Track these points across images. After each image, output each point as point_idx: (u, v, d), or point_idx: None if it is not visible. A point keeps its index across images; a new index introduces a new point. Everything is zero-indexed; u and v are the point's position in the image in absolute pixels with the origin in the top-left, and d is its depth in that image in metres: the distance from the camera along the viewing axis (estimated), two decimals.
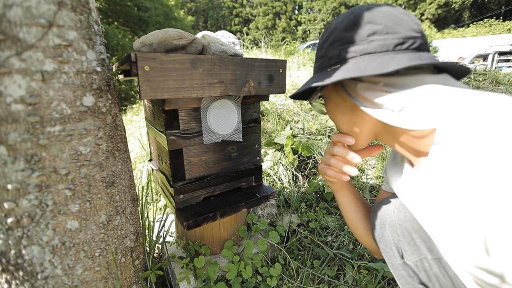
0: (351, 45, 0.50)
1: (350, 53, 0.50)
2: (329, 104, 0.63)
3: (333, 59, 0.53)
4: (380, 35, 0.48)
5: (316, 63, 0.59)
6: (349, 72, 0.48)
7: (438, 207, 0.48)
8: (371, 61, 0.47)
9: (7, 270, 0.60)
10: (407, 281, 0.61)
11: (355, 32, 0.49)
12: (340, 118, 0.61)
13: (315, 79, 0.55)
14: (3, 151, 0.54)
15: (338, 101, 0.59)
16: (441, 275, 0.56)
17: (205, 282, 1.02)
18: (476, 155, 0.39)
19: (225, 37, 1.06)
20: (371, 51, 0.48)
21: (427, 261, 0.57)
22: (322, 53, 0.56)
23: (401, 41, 0.47)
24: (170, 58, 0.73)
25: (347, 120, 0.59)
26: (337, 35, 0.52)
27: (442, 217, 0.47)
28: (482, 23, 19.83)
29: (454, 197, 0.42)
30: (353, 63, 0.49)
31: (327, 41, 0.55)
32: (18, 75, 0.52)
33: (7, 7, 0.49)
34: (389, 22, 0.48)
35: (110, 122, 0.70)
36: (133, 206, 0.82)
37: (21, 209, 0.58)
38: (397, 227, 0.62)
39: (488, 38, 10.68)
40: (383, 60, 0.46)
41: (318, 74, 0.56)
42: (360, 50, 0.49)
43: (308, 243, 1.30)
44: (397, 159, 0.67)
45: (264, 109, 2.29)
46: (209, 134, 0.96)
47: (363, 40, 0.48)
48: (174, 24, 14.09)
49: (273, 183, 1.71)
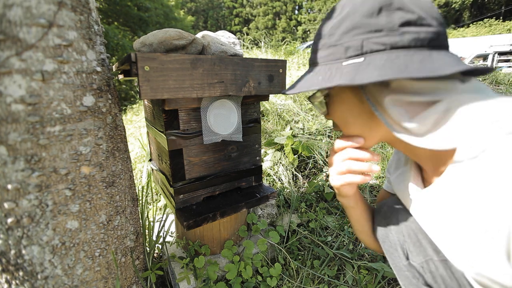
0: (378, 34, 0.41)
1: (377, 45, 0.41)
2: (339, 105, 0.54)
3: (352, 50, 0.43)
4: (414, 26, 0.40)
5: (321, 52, 0.48)
6: (387, 72, 0.38)
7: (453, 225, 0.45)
8: (407, 58, 0.39)
9: (7, 270, 0.60)
10: (412, 282, 0.60)
11: (383, 19, 0.41)
12: (352, 122, 0.53)
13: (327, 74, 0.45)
14: (3, 151, 0.54)
15: (352, 102, 0.51)
16: (447, 277, 0.54)
17: (205, 282, 1.02)
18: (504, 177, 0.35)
19: (225, 37, 1.06)
20: (404, 45, 0.40)
21: (433, 262, 0.56)
22: (333, 40, 0.46)
23: (434, 36, 0.41)
24: (170, 58, 0.73)
25: (361, 125, 0.52)
26: (358, 21, 0.42)
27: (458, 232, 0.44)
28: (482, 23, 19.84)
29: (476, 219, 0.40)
30: (383, 58, 0.40)
31: (340, 26, 0.44)
32: (18, 75, 0.52)
33: (7, 7, 0.49)
34: (422, 12, 0.40)
35: (110, 122, 0.70)
36: (133, 206, 0.82)
37: (21, 209, 0.58)
38: (403, 227, 0.61)
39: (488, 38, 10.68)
40: (422, 58, 0.39)
41: (329, 67, 0.46)
42: (390, 42, 0.40)
43: (308, 243, 1.30)
44: (401, 160, 0.65)
45: (264, 109, 2.29)
46: (209, 134, 0.96)
47: (394, 30, 0.40)
48: (174, 24, 14.09)
49: (273, 183, 1.71)
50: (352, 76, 0.41)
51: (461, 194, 0.42)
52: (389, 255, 0.65)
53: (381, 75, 0.38)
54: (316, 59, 0.50)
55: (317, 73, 0.47)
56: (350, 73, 0.42)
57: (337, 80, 0.42)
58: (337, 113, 0.55)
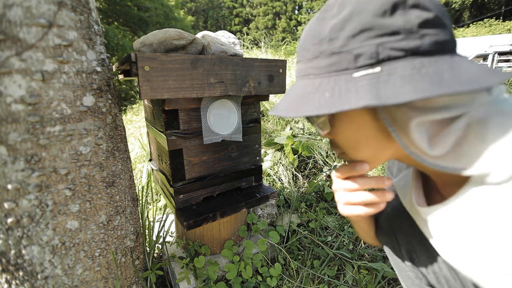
0: (395, 38, 0.34)
1: (396, 51, 0.34)
2: (347, 125, 0.44)
3: (364, 58, 0.35)
4: (432, 27, 0.34)
5: (319, 61, 0.39)
6: (422, 86, 0.31)
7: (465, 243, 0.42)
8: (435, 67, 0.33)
9: (7, 270, 0.60)
10: (414, 282, 0.60)
11: (399, 19, 0.34)
12: (363, 144, 0.44)
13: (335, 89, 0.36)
14: (3, 151, 0.54)
15: (364, 121, 0.42)
16: (451, 277, 0.53)
17: (205, 282, 1.02)
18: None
19: (225, 37, 1.06)
20: (426, 49, 0.34)
21: (437, 263, 0.55)
22: (336, 46, 0.37)
23: (451, 38, 0.35)
24: (170, 58, 0.73)
25: (374, 146, 0.44)
26: (368, 21, 0.35)
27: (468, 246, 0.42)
28: (482, 23, 19.83)
29: None
30: (407, 67, 0.33)
31: (344, 28, 0.36)
32: (18, 75, 0.52)
33: (7, 7, 0.49)
34: (437, 9, 0.34)
35: (110, 122, 0.70)
36: (133, 206, 0.82)
37: (21, 209, 0.58)
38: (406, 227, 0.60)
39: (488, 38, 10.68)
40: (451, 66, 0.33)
41: (334, 80, 0.37)
42: (410, 47, 0.34)
43: (308, 243, 1.30)
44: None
45: (264, 109, 2.29)
46: (209, 134, 0.96)
47: (413, 32, 0.33)
48: (174, 24, 14.10)
49: (273, 183, 1.71)
50: (375, 92, 0.33)
51: (484, 219, 0.38)
52: (391, 255, 0.64)
53: (418, 91, 0.31)
54: (311, 69, 0.41)
55: (320, 88, 0.38)
56: (368, 88, 0.34)
57: (354, 98, 0.33)
58: (345, 133, 0.45)
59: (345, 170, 0.48)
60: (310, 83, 0.41)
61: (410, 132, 0.37)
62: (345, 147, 0.47)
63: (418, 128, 0.37)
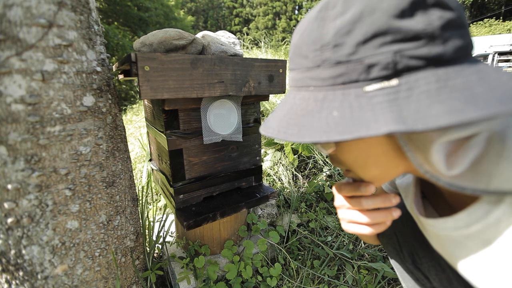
0: (416, 44, 0.28)
1: (416, 60, 0.28)
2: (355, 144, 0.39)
3: (378, 68, 0.29)
4: (455, 29, 0.28)
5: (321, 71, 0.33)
6: (457, 106, 0.25)
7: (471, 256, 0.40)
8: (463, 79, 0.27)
9: (7, 270, 0.60)
10: (416, 284, 0.59)
11: (420, 20, 0.28)
12: (372, 162, 0.40)
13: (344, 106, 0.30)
14: (3, 151, 0.54)
15: (376, 140, 0.38)
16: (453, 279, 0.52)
17: (205, 282, 1.02)
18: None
19: (225, 37, 1.06)
20: (451, 57, 0.28)
21: (439, 264, 0.54)
22: (343, 54, 0.31)
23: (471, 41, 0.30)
24: (170, 58, 0.73)
25: (385, 163, 0.39)
26: (383, 23, 0.28)
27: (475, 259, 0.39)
28: (482, 23, 19.81)
29: None
30: (431, 81, 0.28)
31: (352, 31, 0.30)
32: (18, 75, 0.52)
33: (7, 7, 0.49)
34: (460, 9, 0.29)
35: (110, 122, 0.70)
36: (133, 206, 0.82)
37: (21, 209, 0.58)
38: (408, 229, 0.59)
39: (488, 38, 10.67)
40: (480, 77, 0.27)
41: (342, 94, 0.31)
42: (433, 55, 0.28)
43: (308, 243, 1.30)
44: None
45: (264, 109, 2.29)
46: (209, 134, 0.96)
47: (436, 36, 0.28)
48: (174, 24, 14.10)
49: (273, 183, 1.71)
50: (397, 113, 0.27)
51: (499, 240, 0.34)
52: (392, 256, 0.64)
53: (453, 113, 0.25)
54: (311, 80, 0.34)
55: (324, 105, 0.32)
56: (388, 107, 0.28)
57: (373, 121, 0.27)
58: (353, 152, 0.40)
59: (348, 189, 0.45)
60: (311, 97, 0.34)
61: (430, 153, 0.33)
62: (351, 166, 0.42)
63: (438, 148, 0.32)
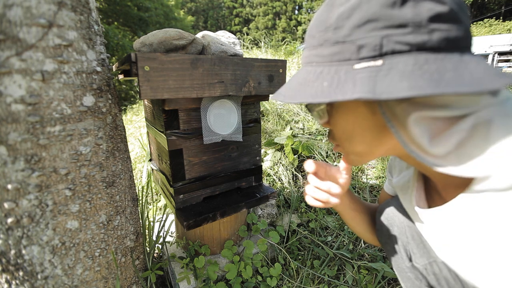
0: (402, 31, 0.32)
1: (400, 45, 0.33)
2: (344, 116, 0.44)
3: (367, 49, 0.34)
4: (445, 22, 0.32)
5: (323, 49, 0.39)
6: (419, 83, 0.30)
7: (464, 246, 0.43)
8: (439, 64, 0.31)
9: (7, 270, 0.60)
10: (414, 283, 0.60)
11: (409, 11, 0.32)
12: (358, 137, 0.44)
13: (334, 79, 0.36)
14: (3, 151, 0.54)
15: (362, 114, 0.42)
16: (451, 279, 0.53)
17: (205, 282, 1.02)
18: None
19: (225, 37, 1.06)
20: (433, 46, 0.32)
21: (437, 264, 0.55)
22: (341, 35, 0.36)
23: (465, 35, 0.33)
24: (170, 58, 0.73)
25: (369, 140, 0.44)
26: (375, 11, 0.33)
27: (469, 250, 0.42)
28: (482, 23, 19.81)
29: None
30: (409, 63, 0.32)
31: (350, 16, 0.35)
32: (18, 75, 0.52)
33: (7, 7, 0.49)
34: (455, 4, 0.33)
35: (110, 122, 0.70)
36: (133, 206, 0.82)
37: (21, 209, 0.58)
38: (406, 229, 0.60)
39: (488, 38, 10.67)
40: (454, 66, 0.31)
41: (335, 69, 0.37)
42: (417, 42, 0.32)
43: (308, 243, 1.30)
44: (404, 162, 0.62)
45: (264, 109, 2.29)
46: (209, 134, 0.96)
47: (422, 26, 0.32)
48: (174, 24, 14.10)
49: (273, 183, 1.71)
50: (371, 86, 0.32)
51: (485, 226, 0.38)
52: (391, 256, 0.64)
53: (413, 88, 0.30)
54: (315, 57, 0.40)
55: (320, 77, 0.38)
56: (366, 81, 0.33)
57: (350, 90, 0.33)
58: (341, 124, 0.46)
59: (310, 166, 0.58)
60: (312, 70, 0.40)
61: (409, 126, 0.37)
62: (340, 139, 0.48)
63: (417, 123, 0.36)
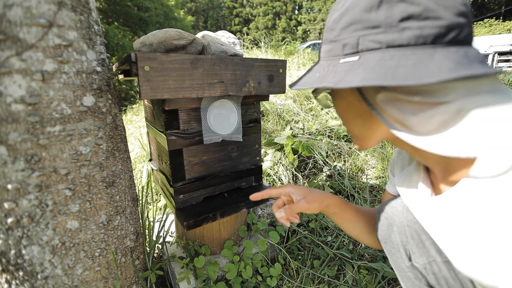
0: (375, 31, 0.37)
1: (372, 43, 0.38)
2: (338, 102, 0.52)
3: (348, 47, 0.41)
4: (417, 20, 0.35)
5: (324, 46, 0.47)
6: (371, 76, 0.35)
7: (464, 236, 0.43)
8: (402, 59, 0.35)
9: (7, 270, 0.60)
10: (414, 283, 0.60)
11: (382, 14, 0.37)
12: (351, 120, 0.51)
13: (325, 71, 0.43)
14: (3, 151, 0.54)
15: (350, 100, 0.49)
16: (450, 278, 0.53)
17: (205, 282, 1.02)
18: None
19: (225, 37, 1.06)
20: (403, 43, 0.36)
21: (436, 263, 0.55)
22: (333, 36, 0.43)
23: (443, 31, 0.35)
24: (170, 58, 0.73)
25: (360, 124, 0.50)
26: (356, 15, 0.39)
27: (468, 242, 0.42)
28: (482, 23, 19.80)
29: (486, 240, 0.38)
30: (376, 59, 0.37)
31: (340, 20, 0.42)
32: (18, 75, 0.52)
33: (7, 7, 0.49)
34: (431, 2, 0.35)
35: (110, 122, 0.70)
36: (133, 206, 0.82)
37: (21, 209, 0.58)
38: (406, 228, 0.60)
39: (488, 38, 10.66)
40: (418, 60, 0.35)
41: (328, 64, 0.44)
42: (387, 40, 0.37)
43: (308, 243, 1.30)
44: (405, 159, 0.62)
45: (264, 109, 2.29)
46: (209, 134, 0.96)
47: (393, 26, 0.36)
48: (174, 24, 14.09)
49: (273, 183, 1.71)
50: (341, 77, 0.39)
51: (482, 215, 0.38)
52: (391, 256, 0.64)
53: (363, 80, 0.35)
54: (321, 53, 0.48)
55: (318, 69, 0.46)
56: (341, 73, 0.39)
57: (326, 80, 0.41)
58: (338, 110, 0.54)
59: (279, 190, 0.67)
60: (316, 64, 0.49)
61: (381, 106, 0.41)
62: (343, 124, 0.55)
63: (388, 102, 0.40)
